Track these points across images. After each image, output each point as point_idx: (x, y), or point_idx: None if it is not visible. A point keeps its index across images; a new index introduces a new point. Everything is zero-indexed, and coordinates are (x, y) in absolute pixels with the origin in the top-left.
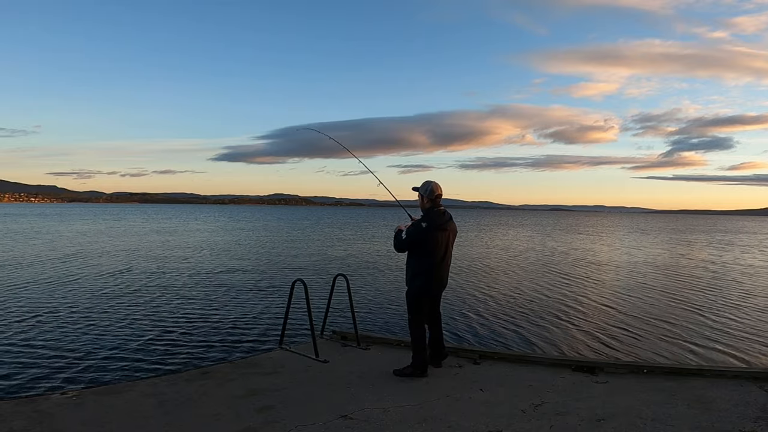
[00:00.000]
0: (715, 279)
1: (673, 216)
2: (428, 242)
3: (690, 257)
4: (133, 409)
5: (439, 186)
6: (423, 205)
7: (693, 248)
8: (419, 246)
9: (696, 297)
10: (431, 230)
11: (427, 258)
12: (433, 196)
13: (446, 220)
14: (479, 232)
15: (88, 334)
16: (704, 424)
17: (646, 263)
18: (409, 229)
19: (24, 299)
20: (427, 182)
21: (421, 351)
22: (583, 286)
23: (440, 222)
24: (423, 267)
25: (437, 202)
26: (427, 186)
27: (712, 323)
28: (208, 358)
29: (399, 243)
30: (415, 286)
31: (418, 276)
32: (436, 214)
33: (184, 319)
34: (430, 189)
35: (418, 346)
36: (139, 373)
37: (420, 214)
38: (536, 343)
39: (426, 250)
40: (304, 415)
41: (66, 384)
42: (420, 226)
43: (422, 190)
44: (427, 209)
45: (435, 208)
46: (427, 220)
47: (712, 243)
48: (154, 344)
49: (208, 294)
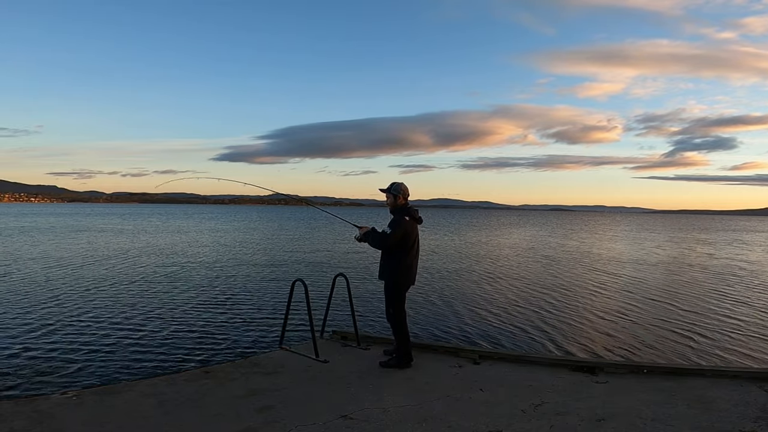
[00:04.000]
0: (714, 278)
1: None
2: (410, 235)
3: (689, 257)
4: (133, 409)
5: (407, 188)
6: (396, 203)
7: (693, 248)
8: (402, 239)
9: (696, 296)
10: (412, 222)
11: (406, 251)
12: (407, 195)
13: (419, 216)
14: (479, 232)
15: (88, 334)
16: (704, 424)
17: (646, 263)
18: (392, 223)
19: (24, 299)
20: (397, 183)
21: (406, 343)
22: (583, 286)
23: (417, 216)
24: (403, 258)
25: (408, 201)
26: (400, 187)
27: (712, 323)
28: (208, 358)
29: (382, 239)
30: (395, 280)
31: (399, 269)
32: (411, 209)
33: (184, 319)
34: (403, 189)
35: (403, 338)
36: (139, 373)
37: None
38: (536, 343)
39: (407, 243)
40: (304, 415)
41: (66, 384)
42: (403, 219)
43: (395, 190)
44: (402, 206)
45: (408, 205)
46: (407, 214)
47: (712, 242)
48: (154, 344)
49: (208, 294)
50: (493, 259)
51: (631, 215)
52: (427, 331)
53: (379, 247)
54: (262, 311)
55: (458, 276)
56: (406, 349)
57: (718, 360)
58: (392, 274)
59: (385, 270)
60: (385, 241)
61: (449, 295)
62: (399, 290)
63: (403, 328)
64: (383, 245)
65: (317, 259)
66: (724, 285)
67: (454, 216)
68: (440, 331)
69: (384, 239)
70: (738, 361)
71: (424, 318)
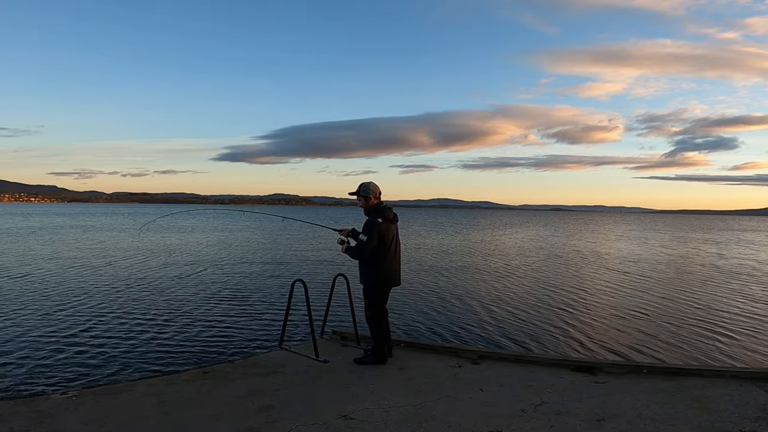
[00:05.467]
0: (714, 278)
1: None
2: (386, 236)
3: (689, 256)
4: (133, 409)
5: (377, 186)
6: (368, 204)
7: (692, 247)
8: (379, 242)
9: (695, 296)
10: (386, 223)
11: (384, 252)
12: (378, 193)
13: (394, 215)
14: (479, 232)
15: (87, 334)
16: (704, 424)
17: (646, 262)
18: (365, 228)
19: (23, 299)
20: (366, 184)
21: (382, 342)
22: (583, 286)
23: (390, 216)
24: (380, 261)
25: (380, 199)
26: (368, 186)
27: (712, 323)
28: (208, 358)
29: (360, 250)
30: (373, 281)
31: (376, 270)
32: (384, 210)
33: (184, 319)
34: (373, 188)
35: (380, 337)
36: (139, 373)
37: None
38: (536, 343)
39: (383, 245)
40: (304, 415)
41: (66, 384)
42: (376, 222)
43: (365, 191)
44: (374, 207)
45: (381, 205)
46: (380, 215)
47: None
48: (154, 344)
49: (208, 294)
50: (493, 258)
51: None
52: (427, 331)
53: (359, 258)
54: (262, 311)
55: (458, 276)
56: (382, 348)
57: (718, 360)
58: (371, 278)
59: (363, 274)
60: (363, 251)
61: (449, 295)
62: (379, 294)
63: (380, 331)
64: (362, 256)
65: (317, 259)
66: (724, 284)
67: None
68: (440, 331)
69: (362, 250)
70: (738, 362)
71: (423, 318)
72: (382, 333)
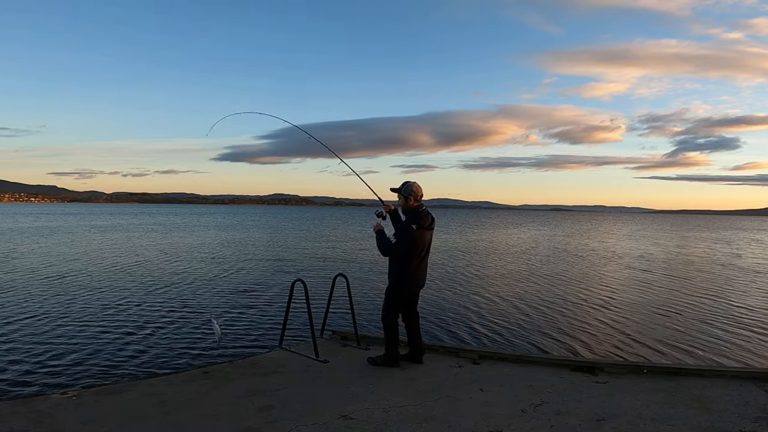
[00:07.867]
0: (714, 278)
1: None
2: (419, 244)
3: (689, 256)
4: (133, 409)
5: (420, 186)
6: (408, 205)
7: (692, 247)
8: (411, 246)
9: (696, 296)
10: (420, 231)
11: (412, 258)
12: (419, 196)
13: (431, 221)
14: (479, 231)
15: (87, 334)
16: (704, 424)
17: (646, 262)
18: (398, 232)
19: (23, 299)
20: (409, 183)
21: (395, 344)
22: (583, 286)
23: (427, 223)
24: (407, 267)
25: (421, 202)
26: (410, 187)
27: (712, 323)
28: (208, 358)
29: (389, 246)
30: (397, 283)
31: (402, 273)
32: (422, 215)
33: (184, 319)
34: (415, 190)
35: (392, 339)
36: (139, 373)
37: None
38: (536, 343)
39: (414, 251)
40: (304, 415)
41: (66, 384)
42: (410, 228)
43: (406, 191)
44: (413, 209)
45: (420, 209)
46: (416, 221)
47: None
48: (153, 344)
49: (208, 293)
50: (493, 258)
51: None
52: (427, 330)
53: (381, 252)
54: (261, 311)
55: (457, 275)
56: (391, 352)
57: (718, 360)
58: (396, 278)
59: (390, 271)
60: (388, 253)
61: (449, 294)
62: (398, 295)
63: (391, 332)
64: (384, 253)
65: (317, 259)
66: (724, 284)
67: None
68: (440, 331)
69: (387, 249)
70: (738, 362)
71: (424, 318)
72: (394, 335)
